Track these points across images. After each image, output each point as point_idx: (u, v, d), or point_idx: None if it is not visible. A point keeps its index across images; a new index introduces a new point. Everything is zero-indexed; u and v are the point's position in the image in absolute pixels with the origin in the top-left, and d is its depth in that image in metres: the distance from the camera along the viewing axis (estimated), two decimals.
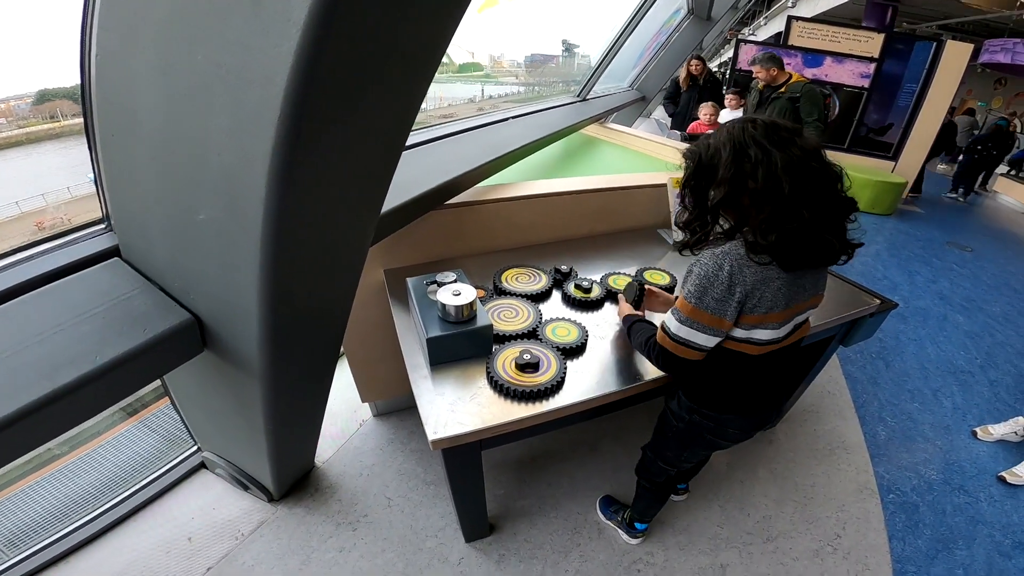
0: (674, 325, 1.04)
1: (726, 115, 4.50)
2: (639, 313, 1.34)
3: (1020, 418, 2.27)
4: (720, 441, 1.24)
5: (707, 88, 4.78)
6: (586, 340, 1.38)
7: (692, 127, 4.20)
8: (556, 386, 1.21)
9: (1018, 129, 12.21)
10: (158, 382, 1.65)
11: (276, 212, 0.74)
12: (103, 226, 1.08)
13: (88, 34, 0.81)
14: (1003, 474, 2.10)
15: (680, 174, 1.05)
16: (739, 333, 1.02)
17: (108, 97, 0.85)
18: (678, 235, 1.08)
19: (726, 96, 4.56)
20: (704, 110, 4.10)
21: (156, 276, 1.03)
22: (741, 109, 4.30)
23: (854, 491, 1.95)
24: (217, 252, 0.89)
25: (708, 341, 1.01)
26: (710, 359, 1.07)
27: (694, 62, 4.76)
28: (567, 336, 1.38)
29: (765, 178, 0.88)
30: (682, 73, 4.91)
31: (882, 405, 2.48)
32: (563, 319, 1.45)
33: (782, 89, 3.52)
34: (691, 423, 1.22)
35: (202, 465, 1.89)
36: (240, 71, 0.65)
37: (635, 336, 1.23)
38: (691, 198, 1.02)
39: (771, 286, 0.95)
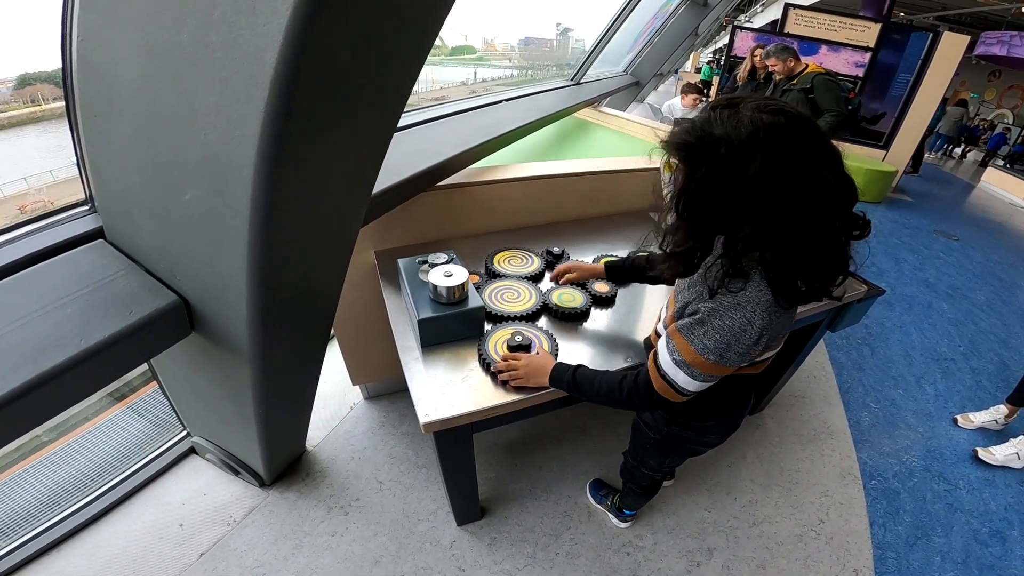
0: (682, 380, 0.86)
1: (677, 107, 4.40)
2: (554, 358, 1.15)
3: (1001, 406, 2.32)
4: (700, 448, 1.23)
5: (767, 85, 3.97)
6: (590, 307, 1.44)
7: None
8: None
9: (1010, 121, 12.35)
10: (145, 366, 1.64)
11: (264, 192, 0.73)
12: (87, 208, 1.06)
13: (69, 15, 0.79)
14: (978, 449, 2.16)
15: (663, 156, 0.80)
16: (770, 355, 0.96)
17: (90, 78, 0.83)
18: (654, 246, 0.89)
19: (685, 96, 4.35)
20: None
21: (141, 258, 1.01)
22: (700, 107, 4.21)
23: (837, 476, 1.99)
24: (204, 232, 0.87)
25: (702, 386, 0.88)
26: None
27: (759, 52, 3.93)
28: (572, 301, 1.44)
29: (814, 197, 0.69)
30: (742, 69, 4.32)
31: (866, 391, 2.52)
32: (569, 288, 1.50)
33: (795, 81, 3.42)
34: (668, 435, 1.19)
35: (192, 450, 1.88)
36: (227, 50, 0.64)
37: (597, 388, 1.01)
38: (691, 210, 0.77)
39: (790, 318, 0.86)
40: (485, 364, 1.21)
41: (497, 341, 1.27)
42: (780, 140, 0.68)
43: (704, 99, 4.14)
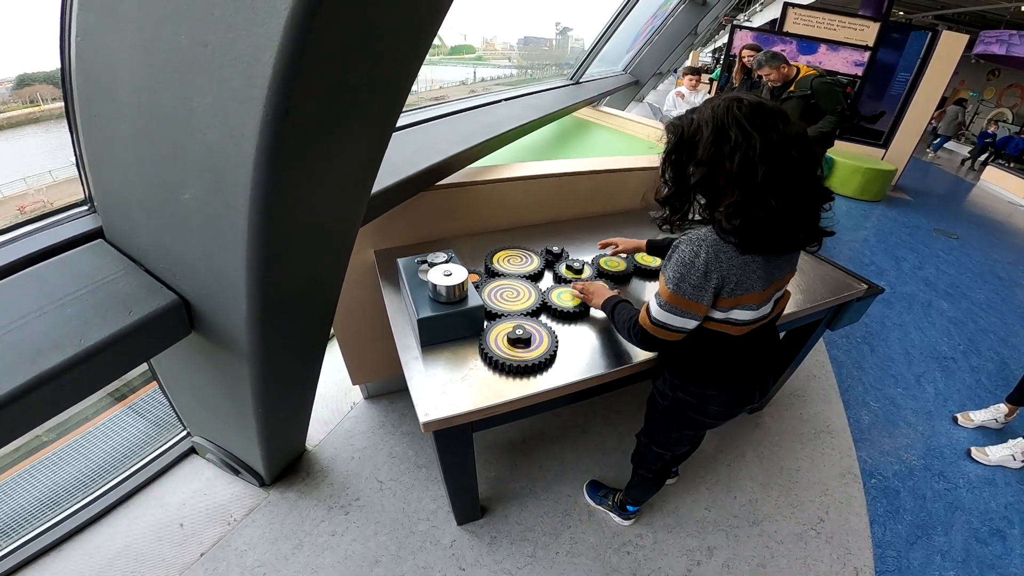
0: (655, 309, 1.05)
1: (679, 97, 4.46)
2: (616, 293, 1.34)
3: (1001, 405, 2.31)
4: (703, 419, 1.25)
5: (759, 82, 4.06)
6: (588, 307, 1.44)
7: None
8: (548, 361, 1.23)
9: (1009, 119, 12.35)
10: (145, 366, 1.63)
11: (263, 191, 0.73)
12: (86, 208, 1.06)
13: (68, 15, 0.79)
14: (972, 449, 2.16)
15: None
16: (718, 315, 1.03)
17: (89, 78, 0.83)
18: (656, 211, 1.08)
19: (684, 77, 4.43)
20: None
21: (141, 257, 1.01)
22: (699, 90, 4.25)
23: (837, 475, 1.99)
24: (203, 232, 0.87)
25: (686, 324, 1.03)
26: (694, 340, 1.08)
27: (747, 53, 4.09)
28: (571, 301, 1.44)
29: (741, 163, 0.87)
30: (736, 71, 4.37)
31: (866, 389, 2.52)
32: (568, 287, 1.51)
33: (792, 88, 3.38)
34: (674, 400, 1.23)
35: (192, 450, 1.88)
36: (226, 50, 0.64)
37: (618, 318, 1.23)
38: (671, 173, 1.00)
39: (748, 269, 0.96)
40: (486, 356, 1.22)
41: (498, 335, 1.28)
42: (728, 120, 0.88)
43: (700, 81, 4.21)
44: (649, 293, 1.45)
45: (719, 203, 0.93)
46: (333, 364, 2.08)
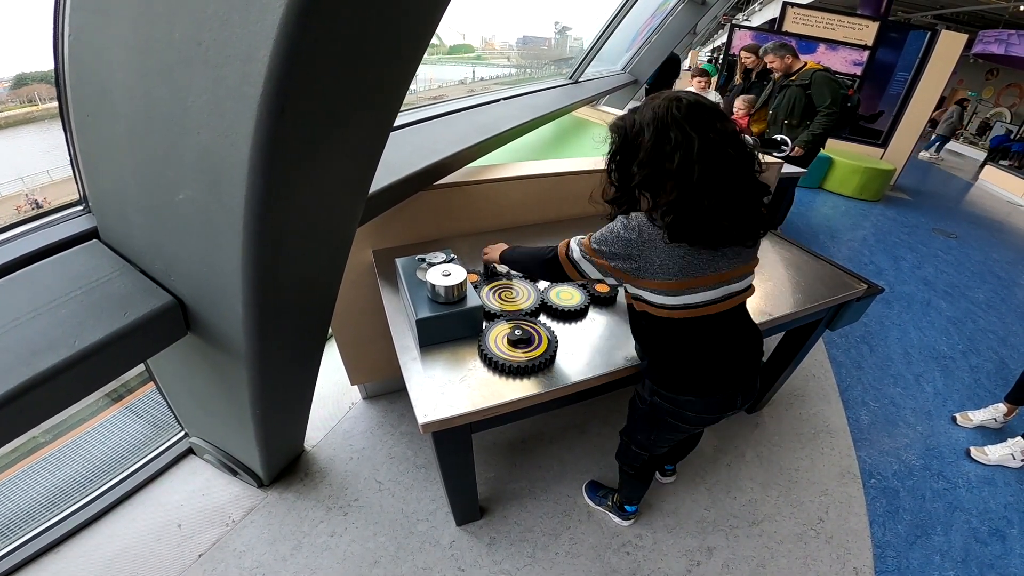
0: (574, 250, 1.10)
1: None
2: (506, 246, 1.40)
3: (1000, 404, 2.31)
4: (681, 424, 1.23)
5: (760, 84, 4.21)
6: (587, 306, 1.45)
7: None
8: (547, 362, 1.22)
9: (1008, 119, 12.35)
10: (142, 367, 1.63)
11: (259, 191, 0.72)
12: (81, 208, 1.06)
13: (61, 14, 0.78)
14: (972, 448, 2.16)
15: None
16: (669, 300, 1.03)
17: (82, 78, 0.83)
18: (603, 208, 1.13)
19: (693, 79, 4.48)
20: (737, 103, 3.94)
21: (136, 258, 1.01)
22: (709, 91, 4.29)
23: (837, 475, 1.99)
24: (198, 232, 0.86)
25: (592, 273, 1.09)
26: (661, 332, 1.09)
27: (745, 54, 4.29)
28: (571, 300, 1.45)
29: (680, 162, 0.90)
30: (738, 70, 4.57)
31: (865, 389, 2.52)
32: (567, 286, 1.51)
33: (793, 77, 3.49)
34: (652, 405, 1.23)
35: (190, 451, 1.87)
36: (220, 48, 0.63)
37: (522, 256, 1.29)
38: (616, 174, 1.04)
39: (674, 254, 0.97)
40: (486, 358, 1.21)
41: (497, 336, 1.27)
42: (668, 120, 0.91)
43: (709, 83, 4.35)
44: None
45: (658, 199, 0.98)
46: (331, 364, 2.07)
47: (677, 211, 0.92)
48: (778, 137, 3.56)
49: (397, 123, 1.84)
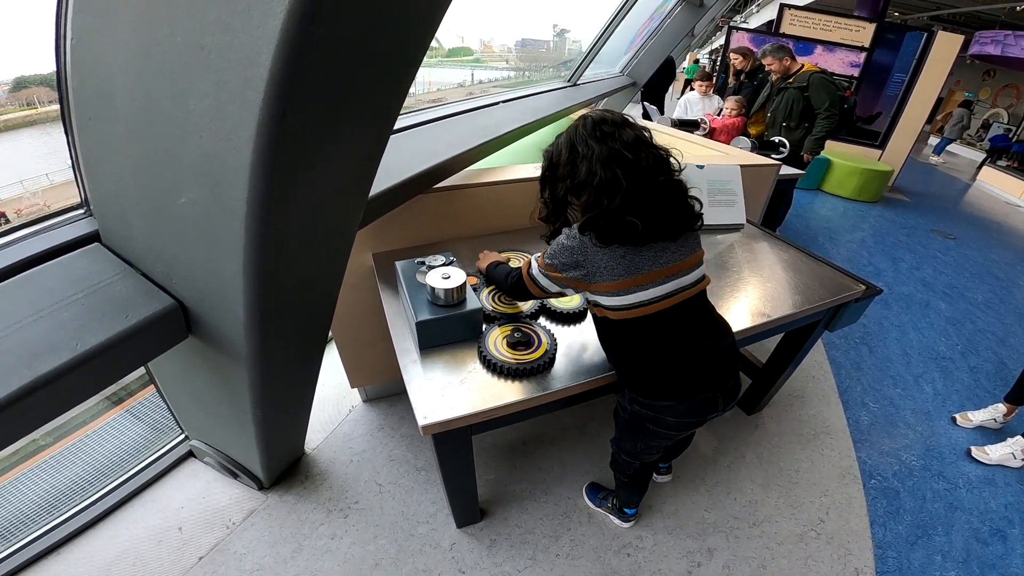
0: (534, 268, 1.17)
1: (694, 100, 4.50)
2: (501, 258, 1.48)
3: (1000, 405, 2.31)
4: (662, 431, 1.23)
5: (751, 83, 4.32)
6: (587, 308, 1.42)
7: (714, 121, 3.87)
8: (547, 364, 1.23)
9: (1006, 120, 12.39)
10: (143, 369, 1.63)
11: (260, 194, 0.73)
12: (82, 211, 1.06)
13: (63, 17, 0.79)
14: (972, 448, 2.16)
15: None
16: (620, 300, 1.07)
17: (84, 81, 0.83)
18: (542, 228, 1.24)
19: (695, 83, 4.52)
20: (728, 104, 3.92)
21: (138, 261, 1.01)
22: (712, 96, 4.34)
23: (837, 476, 1.99)
24: (200, 235, 0.87)
25: (551, 287, 1.16)
26: (622, 336, 1.13)
27: (733, 56, 4.48)
28: (570, 302, 1.45)
29: (586, 171, 1.01)
30: (731, 72, 4.69)
31: (865, 390, 2.52)
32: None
33: (791, 79, 3.52)
34: (633, 413, 1.24)
35: (190, 454, 1.87)
36: (222, 52, 0.63)
37: (499, 273, 1.36)
38: (547, 194, 1.15)
39: (614, 254, 1.03)
40: (486, 360, 1.21)
41: (497, 338, 1.27)
42: (576, 136, 1.05)
43: (712, 87, 4.43)
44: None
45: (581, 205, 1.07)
46: (332, 367, 2.07)
47: (587, 212, 1.02)
48: (776, 139, 3.58)
49: (397, 126, 1.84)
